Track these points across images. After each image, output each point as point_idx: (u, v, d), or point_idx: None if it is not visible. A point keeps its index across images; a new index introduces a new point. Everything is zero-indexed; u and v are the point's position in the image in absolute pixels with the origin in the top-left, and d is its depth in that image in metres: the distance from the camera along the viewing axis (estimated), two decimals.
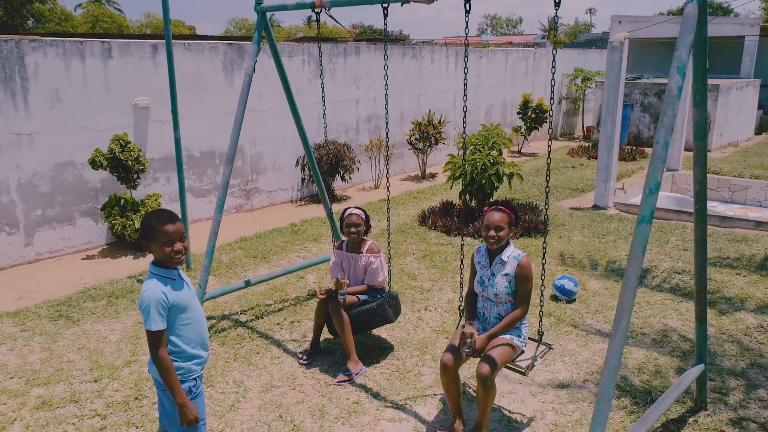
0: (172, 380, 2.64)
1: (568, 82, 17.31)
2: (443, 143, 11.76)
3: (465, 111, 3.84)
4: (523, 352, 3.78)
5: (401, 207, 9.39)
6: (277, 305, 5.78)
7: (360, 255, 4.66)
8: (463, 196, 4.34)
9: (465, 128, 4.05)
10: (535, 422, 3.87)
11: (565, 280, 5.76)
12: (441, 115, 12.35)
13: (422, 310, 5.60)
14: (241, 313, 5.59)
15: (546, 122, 15.13)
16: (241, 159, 9.20)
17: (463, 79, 3.54)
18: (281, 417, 3.94)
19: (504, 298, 3.66)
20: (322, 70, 6.43)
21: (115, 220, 7.21)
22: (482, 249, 3.84)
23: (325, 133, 5.27)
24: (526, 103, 14.56)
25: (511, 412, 3.99)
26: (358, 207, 4.74)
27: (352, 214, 4.62)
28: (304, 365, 4.63)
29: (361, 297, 4.64)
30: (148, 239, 2.67)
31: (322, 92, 5.24)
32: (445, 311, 5.56)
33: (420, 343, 4.95)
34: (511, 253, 3.69)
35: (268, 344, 4.97)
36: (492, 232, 3.61)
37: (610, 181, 9.24)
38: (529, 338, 3.90)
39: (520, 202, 9.03)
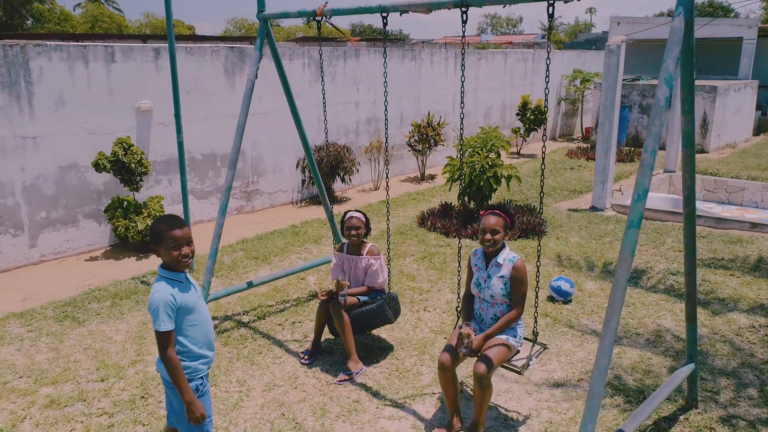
0: (180, 379, 2.76)
1: (567, 84, 17.41)
2: (442, 145, 11.86)
3: (462, 117, 3.95)
4: (518, 352, 3.89)
5: (401, 208, 9.50)
6: (279, 306, 5.89)
7: (360, 257, 4.76)
8: (460, 199, 4.44)
9: (462, 134, 4.15)
10: (531, 420, 3.97)
11: (562, 281, 5.87)
12: (440, 117, 12.45)
13: (421, 311, 5.70)
14: (244, 314, 5.70)
15: (545, 122, 15.21)
16: (242, 161, 9.30)
17: (460, 88, 3.65)
18: (283, 415, 4.05)
19: (500, 299, 3.77)
20: (323, 73, 6.53)
21: (118, 222, 7.31)
22: (479, 252, 3.95)
23: (326, 135, 5.37)
24: (525, 105, 14.66)
25: (507, 411, 4.09)
26: (358, 210, 4.85)
27: (353, 217, 4.72)
28: (306, 365, 4.74)
29: (362, 298, 4.74)
30: (157, 243, 2.78)
31: (323, 95, 5.35)
32: (443, 312, 5.66)
33: (419, 343, 5.05)
34: (507, 256, 3.79)
35: (270, 344, 5.07)
36: (488, 236, 3.72)
37: (607, 182, 9.35)
38: (524, 338, 4.01)
39: (519, 204, 9.13)
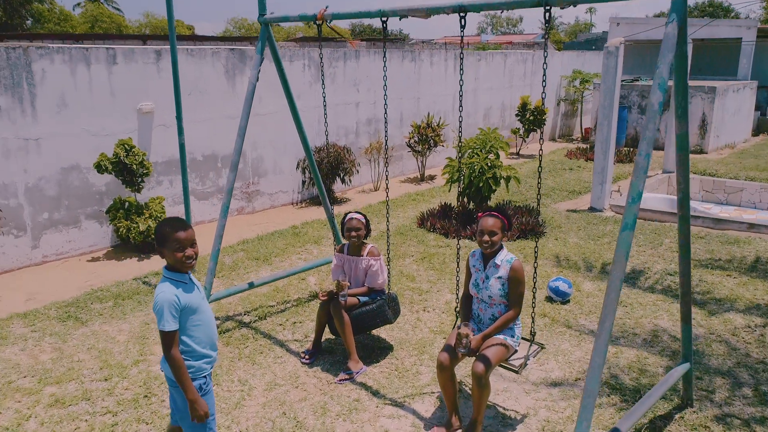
0: (183, 378, 2.82)
1: (566, 84, 17.47)
2: (442, 146, 11.92)
3: (461, 121, 4.00)
4: (516, 352, 3.94)
5: (400, 209, 9.55)
6: (280, 306, 5.95)
7: (360, 258, 4.82)
8: (459, 201, 4.50)
9: (461, 136, 4.21)
10: (528, 419, 4.03)
11: (560, 282, 5.92)
12: (440, 118, 12.50)
13: (420, 311, 5.76)
14: (245, 314, 5.76)
15: (544, 124, 15.30)
16: (243, 162, 9.35)
17: (459, 92, 3.70)
18: (285, 414, 4.10)
19: (498, 300, 3.82)
20: (324, 76, 6.59)
21: (120, 223, 7.36)
22: (477, 253, 4.01)
23: (326, 136, 5.43)
24: (524, 106, 14.71)
25: (505, 409, 4.15)
26: (359, 211, 4.90)
27: (353, 219, 4.78)
28: (307, 364, 4.80)
29: (362, 299, 4.80)
30: (161, 245, 2.84)
31: (324, 98, 5.40)
32: (442, 312, 5.72)
33: (418, 343, 5.11)
34: (504, 257, 3.85)
35: (272, 344, 5.13)
36: (486, 237, 3.78)
37: (606, 183, 9.40)
38: (522, 338, 4.07)
39: (518, 205, 9.19)
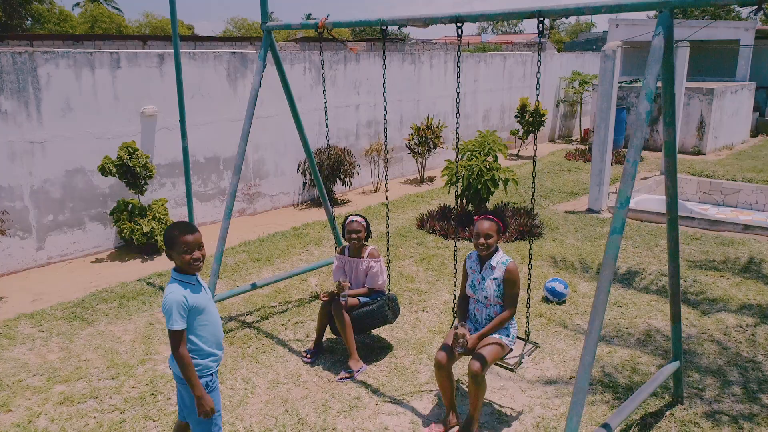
0: (191, 375, 2.95)
1: (565, 86, 17.59)
2: (442, 147, 12.04)
3: (458, 128, 4.12)
4: (511, 351, 4.06)
5: (400, 211, 9.67)
6: (282, 307, 6.07)
7: (361, 260, 4.94)
8: (457, 203, 4.62)
9: (458, 141, 4.33)
10: (524, 415, 4.15)
11: (556, 283, 6.04)
12: (439, 120, 12.62)
13: (419, 312, 5.88)
14: (248, 315, 5.88)
15: (543, 125, 15.46)
16: (245, 164, 9.46)
17: (456, 100, 3.82)
18: (287, 411, 4.23)
19: (493, 300, 3.95)
20: (324, 79, 6.70)
21: (124, 225, 7.48)
22: (473, 255, 4.13)
23: (327, 139, 5.55)
24: (523, 107, 14.83)
25: (501, 407, 4.27)
26: (359, 214, 5.03)
27: (353, 221, 4.90)
28: (308, 363, 4.92)
29: (362, 299, 4.92)
30: (170, 248, 2.97)
31: (325, 103, 5.52)
32: (441, 312, 5.84)
33: (417, 343, 5.23)
34: (500, 259, 3.97)
35: (274, 344, 5.25)
36: (481, 240, 3.90)
37: (603, 185, 9.52)
38: (517, 337, 4.19)
39: (516, 206, 9.30)
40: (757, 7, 2.75)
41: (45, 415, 4.18)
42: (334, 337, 5.21)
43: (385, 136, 4.79)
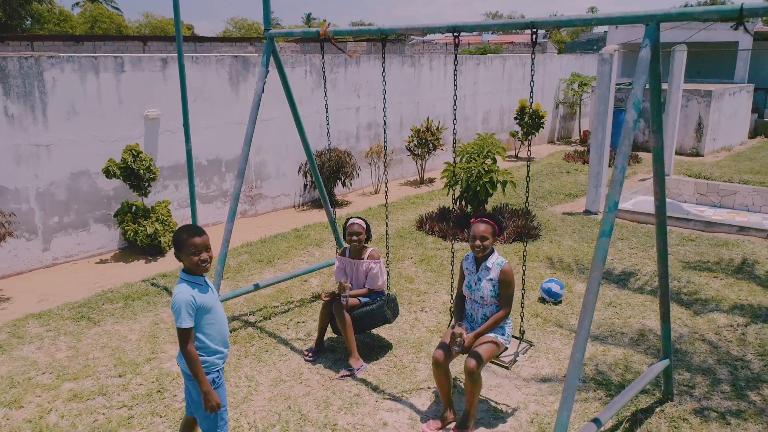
0: (198, 371, 3.08)
1: (565, 87, 17.72)
2: (441, 149, 12.16)
3: (455, 133, 4.25)
4: (506, 349, 4.20)
5: (400, 212, 9.79)
6: (284, 307, 6.20)
7: (361, 261, 5.07)
8: (456, 204, 4.74)
9: (456, 145, 4.46)
10: (519, 412, 4.28)
11: (552, 283, 6.17)
12: (439, 122, 12.73)
13: (418, 312, 6.01)
14: (250, 315, 6.01)
15: (542, 127, 15.58)
16: (246, 166, 9.58)
17: (453, 106, 3.95)
18: (290, 408, 4.36)
19: (489, 300, 4.08)
20: (325, 82, 6.83)
21: (128, 226, 7.61)
22: (470, 256, 4.26)
23: (328, 141, 5.67)
24: (523, 109, 14.95)
25: (497, 404, 4.40)
26: (360, 216, 5.16)
27: (354, 224, 5.03)
28: (310, 362, 5.05)
29: (362, 299, 5.05)
30: (179, 250, 3.10)
31: (326, 108, 5.65)
32: (439, 312, 5.97)
33: (416, 342, 5.36)
34: (495, 260, 4.10)
35: (276, 343, 5.38)
36: (477, 242, 4.03)
37: (601, 187, 9.65)
38: (512, 336, 4.32)
39: (514, 208, 9.42)
40: (737, 21, 2.89)
41: (55, 412, 4.31)
42: (335, 336, 5.34)
43: (385, 139, 4.92)
